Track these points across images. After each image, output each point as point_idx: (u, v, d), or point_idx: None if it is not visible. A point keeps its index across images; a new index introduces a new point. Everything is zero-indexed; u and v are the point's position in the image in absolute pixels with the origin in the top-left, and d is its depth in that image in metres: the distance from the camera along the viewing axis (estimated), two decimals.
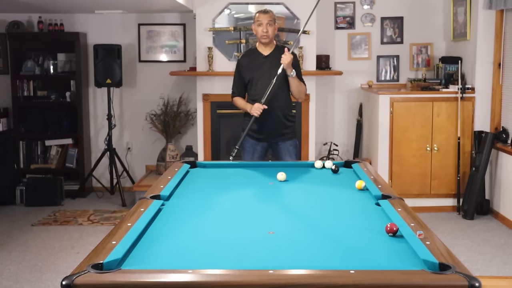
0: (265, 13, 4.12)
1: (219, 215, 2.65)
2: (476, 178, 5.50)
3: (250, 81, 4.24)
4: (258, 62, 4.20)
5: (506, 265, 4.35)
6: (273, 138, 4.29)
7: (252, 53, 4.30)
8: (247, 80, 4.25)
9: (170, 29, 6.52)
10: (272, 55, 4.18)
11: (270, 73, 4.10)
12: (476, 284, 1.77)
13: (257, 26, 4.12)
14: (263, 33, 4.09)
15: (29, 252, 4.65)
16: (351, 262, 2.00)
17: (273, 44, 4.23)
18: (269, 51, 4.20)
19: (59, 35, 6.32)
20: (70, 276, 1.81)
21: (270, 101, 4.10)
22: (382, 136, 5.73)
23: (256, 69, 4.20)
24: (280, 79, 4.10)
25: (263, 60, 4.19)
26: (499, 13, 5.47)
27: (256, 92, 4.20)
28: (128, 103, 6.66)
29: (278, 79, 4.07)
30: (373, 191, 2.96)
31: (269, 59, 4.17)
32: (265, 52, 4.21)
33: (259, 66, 4.19)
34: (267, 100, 4.08)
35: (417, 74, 6.39)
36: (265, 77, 4.15)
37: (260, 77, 4.18)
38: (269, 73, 4.12)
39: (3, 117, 6.33)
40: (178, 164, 3.70)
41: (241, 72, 4.27)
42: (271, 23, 4.10)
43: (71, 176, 6.45)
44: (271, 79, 4.07)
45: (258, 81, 4.18)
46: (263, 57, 4.21)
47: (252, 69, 4.22)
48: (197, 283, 1.82)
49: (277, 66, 4.06)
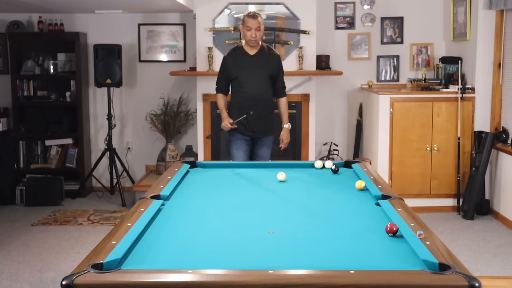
0: (254, 18, 4.31)
1: (219, 215, 2.65)
2: (476, 178, 5.50)
3: (236, 79, 4.46)
4: (244, 61, 4.41)
5: (506, 265, 4.35)
6: (257, 134, 4.56)
7: (238, 51, 4.47)
8: (233, 77, 4.47)
9: (170, 29, 6.52)
10: (257, 55, 4.41)
11: (256, 72, 4.39)
12: (476, 284, 1.77)
13: (246, 30, 4.33)
14: (251, 37, 4.33)
15: (29, 252, 4.65)
16: (351, 262, 2.00)
17: (259, 45, 4.43)
18: (255, 51, 4.43)
19: (59, 35, 6.32)
20: (70, 276, 1.81)
21: (257, 102, 4.41)
22: (382, 136, 5.72)
23: (242, 68, 4.41)
24: (265, 80, 4.40)
25: (249, 60, 4.41)
26: (499, 13, 5.47)
27: (245, 90, 4.44)
28: (128, 103, 6.66)
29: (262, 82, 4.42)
30: (373, 191, 2.96)
31: (255, 58, 4.40)
32: (251, 51, 4.43)
33: (245, 65, 4.40)
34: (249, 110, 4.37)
35: (417, 74, 6.39)
36: (251, 76, 4.40)
37: (246, 76, 4.42)
38: (254, 72, 4.40)
39: (3, 117, 6.33)
40: (178, 164, 3.71)
41: (227, 69, 4.48)
42: (259, 28, 4.32)
43: (71, 176, 6.45)
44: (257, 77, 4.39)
45: (245, 80, 4.43)
46: (249, 56, 4.42)
47: (238, 67, 4.42)
48: (197, 283, 1.82)
49: (262, 66, 4.38)
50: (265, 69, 4.42)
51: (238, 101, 4.47)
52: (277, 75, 4.49)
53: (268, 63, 4.45)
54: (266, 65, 4.42)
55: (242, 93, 4.44)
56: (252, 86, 4.40)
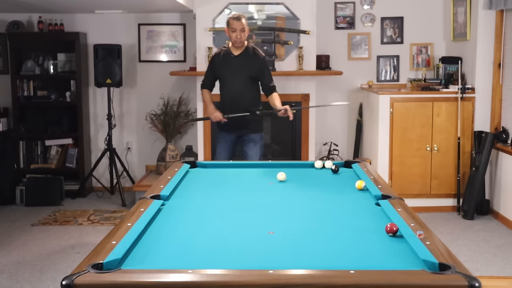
0: (238, 20, 4.48)
1: (219, 215, 2.65)
2: (476, 178, 5.50)
3: (221, 78, 4.67)
4: (227, 61, 4.59)
5: (506, 265, 4.35)
6: (239, 131, 4.67)
7: (224, 51, 4.66)
8: (218, 76, 4.68)
9: (170, 29, 6.52)
10: (241, 55, 4.58)
11: (237, 72, 4.55)
12: (476, 284, 1.77)
13: (231, 32, 4.52)
14: (236, 38, 4.50)
15: (29, 252, 4.65)
16: (351, 262, 2.00)
17: (244, 45, 4.59)
18: (239, 52, 4.59)
19: (59, 35, 6.32)
20: (70, 276, 1.81)
21: (237, 101, 4.55)
22: (382, 136, 5.72)
23: (226, 67, 4.59)
24: (246, 80, 4.54)
25: (232, 60, 4.59)
26: (499, 13, 5.47)
27: (226, 89, 4.63)
28: (128, 103, 6.66)
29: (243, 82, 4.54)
30: (373, 191, 2.96)
31: (238, 59, 4.57)
32: (236, 52, 4.60)
33: (228, 65, 4.58)
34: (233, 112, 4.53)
35: (417, 74, 6.39)
36: (232, 75, 4.57)
37: (228, 75, 4.59)
38: (236, 72, 4.55)
39: (3, 117, 6.33)
40: (178, 164, 3.71)
41: (213, 68, 4.68)
42: (243, 29, 4.49)
43: (71, 176, 6.45)
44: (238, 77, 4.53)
45: (227, 79, 4.61)
46: (233, 57, 4.60)
47: (222, 66, 4.60)
48: (197, 283, 1.82)
49: (244, 67, 4.53)
50: (247, 69, 4.55)
51: (222, 100, 4.70)
52: (261, 75, 4.60)
53: (251, 64, 4.57)
54: (248, 66, 4.55)
55: (224, 92, 4.67)
56: (232, 86, 4.58)
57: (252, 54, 4.59)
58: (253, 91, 4.64)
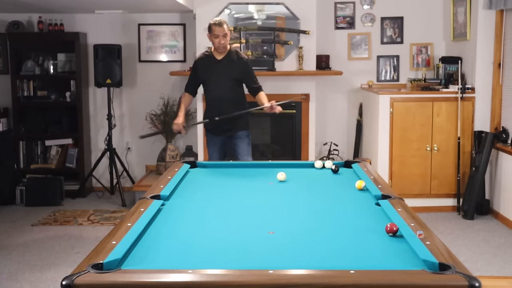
0: (220, 26, 4.52)
1: (219, 215, 2.65)
2: (476, 178, 5.50)
3: (205, 83, 4.71)
4: (211, 66, 4.63)
5: (506, 265, 4.35)
6: (227, 132, 4.71)
7: (207, 56, 4.71)
8: (201, 80, 4.71)
9: (170, 29, 6.52)
10: (224, 59, 4.61)
11: (221, 76, 4.58)
12: (476, 284, 1.77)
13: (214, 38, 4.52)
14: (219, 44, 4.52)
15: (29, 252, 4.65)
16: (351, 262, 2.00)
17: (227, 49, 4.63)
18: (222, 56, 4.62)
19: (59, 35, 6.32)
20: (70, 276, 1.81)
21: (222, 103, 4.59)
22: (382, 136, 5.72)
23: (209, 72, 4.63)
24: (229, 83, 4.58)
25: (215, 64, 4.61)
26: (499, 13, 5.47)
27: (211, 92, 4.68)
28: (128, 103, 6.66)
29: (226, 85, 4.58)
30: (373, 191, 2.96)
31: (221, 63, 4.61)
32: (219, 57, 4.62)
33: (211, 69, 4.63)
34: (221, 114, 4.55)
35: (417, 74, 6.39)
36: (216, 79, 4.60)
37: (212, 79, 4.63)
38: (219, 75, 4.58)
39: (3, 117, 6.33)
40: (178, 164, 3.71)
41: (196, 73, 4.71)
42: (225, 35, 4.53)
43: (71, 176, 6.45)
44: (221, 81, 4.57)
45: (210, 83, 4.64)
46: (216, 61, 4.62)
47: (205, 71, 4.65)
48: (197, 283, 1.82)
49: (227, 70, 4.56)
50: (231, 73, 4.59)
51: (207, 103, 4.77)
52: (245, 77, 4.65)
53: (234, 67, 4.61)
54: (231, 69, 4.60)
55: (208, 95, 4.72)
56: (216, 89, 4.62)
57: (236, 58, 4.63)
58: (238, 94, 4.70)
